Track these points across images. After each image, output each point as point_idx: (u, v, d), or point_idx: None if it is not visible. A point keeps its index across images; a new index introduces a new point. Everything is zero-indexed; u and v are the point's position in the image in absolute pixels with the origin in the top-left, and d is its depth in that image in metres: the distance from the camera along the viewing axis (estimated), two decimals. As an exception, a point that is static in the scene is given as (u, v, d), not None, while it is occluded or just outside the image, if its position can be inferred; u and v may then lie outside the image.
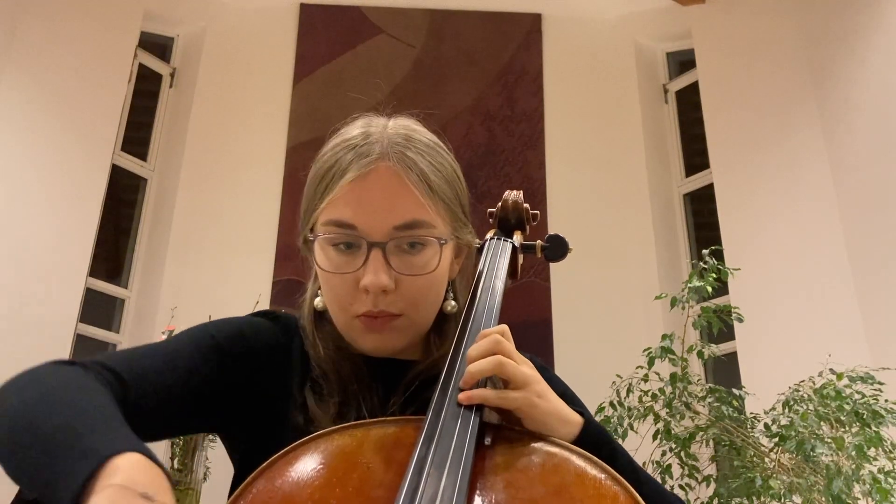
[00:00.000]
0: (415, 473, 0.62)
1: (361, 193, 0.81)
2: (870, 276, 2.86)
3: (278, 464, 0.67)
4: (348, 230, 0.82)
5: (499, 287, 0.90)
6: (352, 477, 0.65)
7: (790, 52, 3.42)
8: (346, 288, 0.82)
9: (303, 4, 4.01)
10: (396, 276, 0.81)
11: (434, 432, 0.67)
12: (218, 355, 0.82)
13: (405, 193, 0.82)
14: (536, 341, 3.37)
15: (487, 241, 1.03)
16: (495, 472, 0.66)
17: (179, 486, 2.72)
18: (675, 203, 3.80)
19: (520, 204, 1.09)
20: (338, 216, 0.82)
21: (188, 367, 0.80)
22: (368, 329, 0.83)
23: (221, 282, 3.42)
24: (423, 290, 0.84)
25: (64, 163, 3.33)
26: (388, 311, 0.82)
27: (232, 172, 3.67)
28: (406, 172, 0.82)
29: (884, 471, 1.96)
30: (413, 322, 0.85)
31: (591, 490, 0.65)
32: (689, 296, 2.32)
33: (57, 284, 3.15)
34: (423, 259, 0.83)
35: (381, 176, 0.82)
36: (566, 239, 1.04)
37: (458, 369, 0.75)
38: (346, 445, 0.69)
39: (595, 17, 4.04)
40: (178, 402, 0.78)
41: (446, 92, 3.88)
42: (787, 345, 2.93)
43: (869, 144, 3.01)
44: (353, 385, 0.83)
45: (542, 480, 0.66)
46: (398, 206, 0.82)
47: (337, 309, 0.85)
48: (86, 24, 3.56)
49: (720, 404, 2.27)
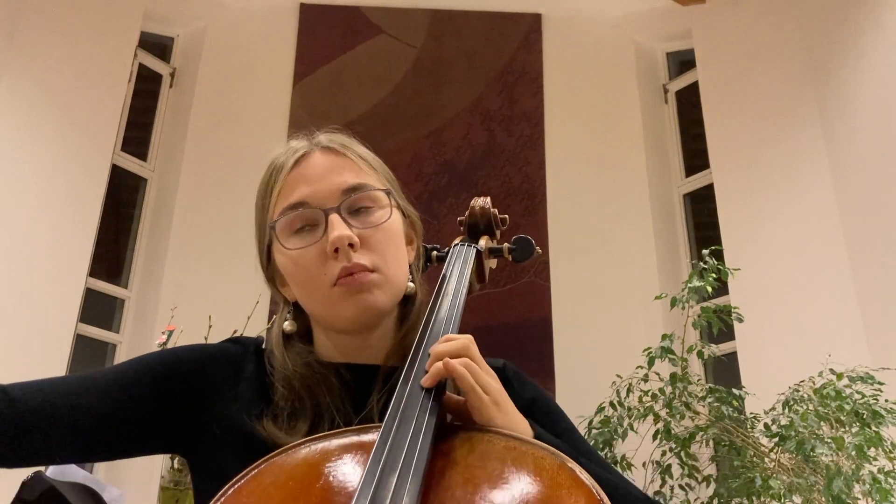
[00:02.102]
0: (369, 478, 0.62)
1: (305, 174, 0.88)
2: (870, 276, 2.86)
3: (243, 481, 0.67)
4: (302, 208, 0.86)
5: (462, 291, 0.90)
6: (314, 487, 0.66)
7: (790, 52, 3.42)
8: (316, 261, 0.84)
9: (303, 4, 4.01)
10: (358, 231, 0.84)
11: (389, 435, 0.67)
12: (148, 380, 0.84)
13: (344, 164, 0.89)
14: (536, 341, 3.38)
15: (452, 246, 1.03)
16: (453, 469, 0.67)
17: (179, 487, 2.72)
18: (675, 203, 3.79)
19: (487, 209, 1.09)
20: (290, 200, 0.87)
21: (103, 390, 0.81)
22: (349, 291, 0.83)
23: (221, 282, 3.41)
24: (387, 245, 0.87)
25: (64, 163, 3.33)
26: (361, 263, 0.83)
27: (232, 172, 3.67)
28: (339, 151, 0.90)
29: (884, 471, 1.96)
30: (387, 278, 0.86)
31: (549, 478, 0.64)
32: (689, 296, 2.32)
33: (57, 284, 3.15)
34: (376, 216, 0.87)
35: (317, 157, 0.89)
36: (532, 240, 1.05)
37: (418, 370, 0.75)
38: (308, 458, 0.69)
39: (595, 17, 4.04)
40: (88, 421, 0.79)
41: (446, 92, 3.88)
42: (787, 345, 2.93)
43: (869, 144, 3.01)
44: (326, 397, 0.83)
45: (500, 473, 0.66)
46: (340, 174, 0.88)
47: (312, 285, 0.86)
48: (86, 24, 3.56)
49: (720, 404, 2.27)
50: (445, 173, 3.71)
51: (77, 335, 3.18)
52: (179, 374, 0.85)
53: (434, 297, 0.90)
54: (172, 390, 0.84)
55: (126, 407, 0.82)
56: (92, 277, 3.34)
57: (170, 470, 2.70)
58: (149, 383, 0.84)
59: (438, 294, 0.90)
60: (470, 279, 0.95)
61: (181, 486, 2.73)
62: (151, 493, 2.89)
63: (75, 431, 0.79)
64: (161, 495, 2.69)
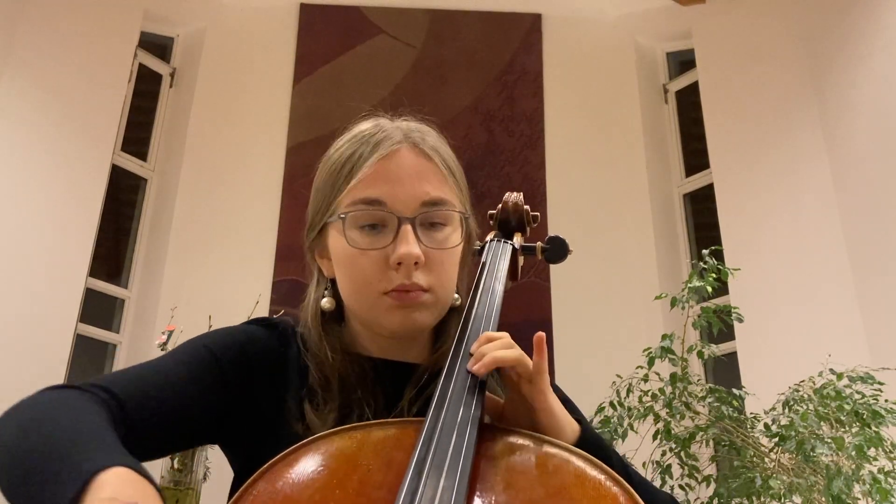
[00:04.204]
0: (414, 474, 0.62)
1: (389, 171, 0.84)
2: (870, 276, 2.86)
3: (278, 466, 0.67)
4: (378, 207, 0.83)
5: (498, 289, 0.90)
6: (352, 478, 0.65)
7: (790, 52, 3.42)
8: (375, 266, 0.82)
9: (303, 4, 4.01)
10: (425, 249, 0.82)
11: (434, 432, 0.67)
12: (215, 369, 0.82)
13: (430, 172, 0.86)
14: (536, 341, 3.37)
15: (487, 242, 1.03)
16: (495, 472, 0.66)
17: (180, 487, 2.72)
18: (675, 203, 3.79)
19: (520, 206, 1.09)
20: (367, 194, 0.83)
21: (186, 383, 0.79)
22: (398, 305, 0.82)
23: (221, 282, 3.42)
24: (447, 267, 0.85)
25: (64, 163, 3.33)
26: (419, 284, 0.82)
27: (232, 172, 3.67)
28: (428, 155, 0.86)
29: (884, 471, 1.95)
30: (438, 299, 0.85)
31: (591, 491, 0.65)
32: (689, 296, 2.31)
33: (57, 284, 3.15)
34: (446, 235, 0.85)
35: (405, 156, 0.85)
36: (566, 240, 1.04)
37: (459, 368, 0.75)
38: (347, 447, 0.69)
39: (595, 17, 4.04)
40: (178, 418, 0.78)
41: (446, 92, 3.88)
42: (787, 345, 2.93)
43: (869, 144, 3.01)
44: (357, 391, 0.82)
45: (541, 482, 0.66)
46: (424, 183, 0.84)
47: (363, 288, 0.84)
48: (86, 24, 3.56)
49: (720, 404, 2.27)
50: (445, 173, 3.71)
51: (77, 335, 3.18)
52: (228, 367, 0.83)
53: (472, 293, 0.89)
54: (223, 382, 0.82)
55: (193, 403, 0.80)
56: (92, 277, 3.34)
57: (170, 470, 2.70)
58: (205, 377, 0.82)
59: (476, 291, 0.89)
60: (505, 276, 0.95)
61: (181, 486, 2.73)
62: (151, 493, 2.89)
63: (181, 427, 0.79)
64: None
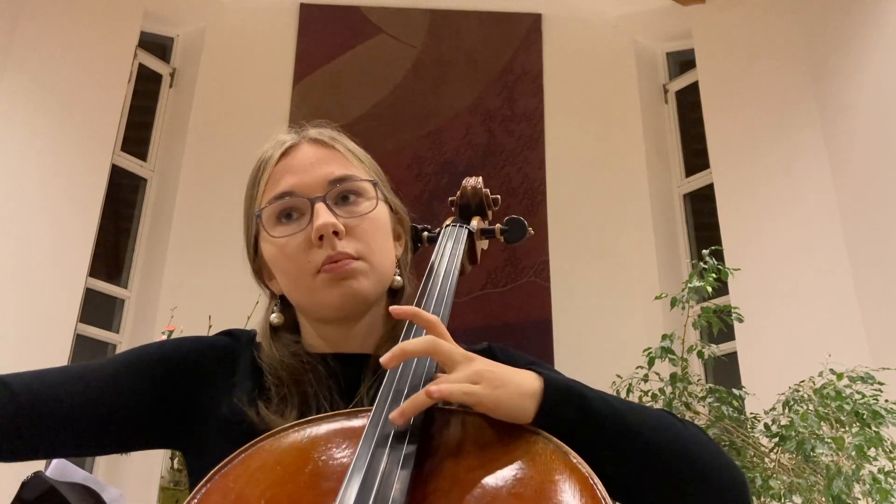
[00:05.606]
0: (360, 460, 0.62)
1: (292, 165, 0.88)
2: (870, 276, 2.86)
3: (231, 465, 0.67)
4: (289, 197, 0.86)
5: (453, 272, 0.91)
6: (303, 471, 0.66)
7: (790, 52, 3.42)
8: (300, 250, 0.85)
9: (303, 4, 4.00)
10: (343, 220, 0.85)
11: (380, 418, 0.67)
12: (151, 368, 0.84)
13: (331, 157, 0.90)
14: (536, 341, 3.37)
15: (444, 227, 1.03)
16: (444, 451, 0.66)
17: (179, 487, 2.72)
18: (675, 203, 3.79)
19: (479, 189, 1.09)
20: (276, 191, 0.87)
21: (106, 379, 0.82)
22: (332, 278, 0.83)
23: (221, 282, 3.40)
24: (373, 234, 0.87)
25: (64, 163, 3.33)
26: (346, 251, 0.84)
27: (232, 172, 3.65)
28: (328, 144, 0.91)
29: (884, 471, 1.95)
30: (372, 266, 0.86)
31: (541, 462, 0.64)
32: (689, 296, 2.31)
33: (57, 284, 3.15)
34: (362, 206, 0.88)
35: (306, 149, 0.90)
36: (525, 221, 1.04)
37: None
38: (296, 441, 0.69)
39: (595, 17, 4.04)
40: (89, 412, 0.79)
41: (446, 92, 3.88)
42: (787, 345, 2.93)
43: (869, 144, 3.01)
44: (311, 387, 0.83)
45: (490, 457, 0.65)
46: (327, 164, 0.88)
47: (297, 275, 0.86)
48: (86, 24, 3.56)
49: (720, 404, 2.26)
50: (445, 173, 3.71)
51: (77, 335, 3.18)
52: (178, 365, 0.86)
53: (425, 277, 0.90)
54: (172, 381, 0.85)
55: (127, 398, 0.82)
56: (92, 277, 3.34)
57: (170, 470, 2.70)
58: (148, 374, 0.84)
59: (430, 275, 0.90)
60: (462, 260, 0.95)
61: (181, 486, 2.73)
62: (151, 493, 2.89)
63: (78, 424, 0.79)
64: (161, 495, 2.69)
